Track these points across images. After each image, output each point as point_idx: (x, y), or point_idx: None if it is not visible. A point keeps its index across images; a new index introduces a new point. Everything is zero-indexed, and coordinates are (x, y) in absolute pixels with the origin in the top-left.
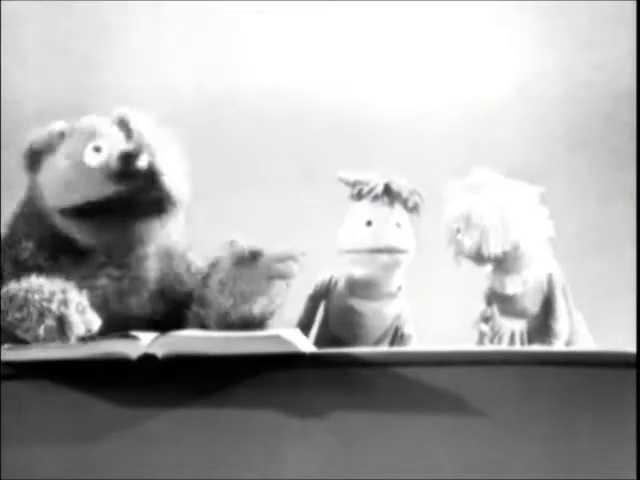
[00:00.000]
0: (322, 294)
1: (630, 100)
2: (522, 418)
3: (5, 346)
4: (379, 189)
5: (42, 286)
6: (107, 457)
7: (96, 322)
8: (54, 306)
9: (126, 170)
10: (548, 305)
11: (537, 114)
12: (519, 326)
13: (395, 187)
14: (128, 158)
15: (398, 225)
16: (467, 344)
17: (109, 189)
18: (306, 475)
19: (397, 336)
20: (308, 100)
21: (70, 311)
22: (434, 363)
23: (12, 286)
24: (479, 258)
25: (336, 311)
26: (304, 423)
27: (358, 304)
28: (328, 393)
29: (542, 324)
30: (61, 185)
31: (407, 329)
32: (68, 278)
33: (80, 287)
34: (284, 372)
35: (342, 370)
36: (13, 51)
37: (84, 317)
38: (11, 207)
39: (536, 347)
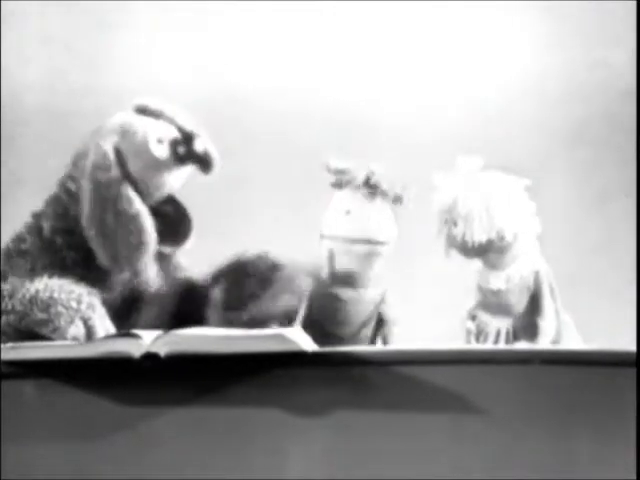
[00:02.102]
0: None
1: (631, 99)
2: (523, 417)
3: (8, 345)
4: (359, 180)
5: (63, 286)
6: (109, 456)
7: (112, 329)
8: (83, 307)
9: (191, 152)
10: (534, 302)
11: (539, 112)
12: (505, 324)
13: (375, 179)
14: (189, 140)
15: (376, 216)
16: (456, 341)
17: (182, 173)
18: (308, 473)
19: (381, 320)
20: (312, 98)
21: (96, 315)
22: (436, 362)
23: (27, 287)
24: (465, 248)
25: (319, 299)
26: (306, 421)
27: (339, 292)
28: (330, 391)
29: (528, 322)
30: (145, 183)
31: (390, 313)
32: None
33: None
34: (286, 370)
35: (344, 368)
36: (14, 49)
37: (104, 325)
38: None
39: (536, 346)
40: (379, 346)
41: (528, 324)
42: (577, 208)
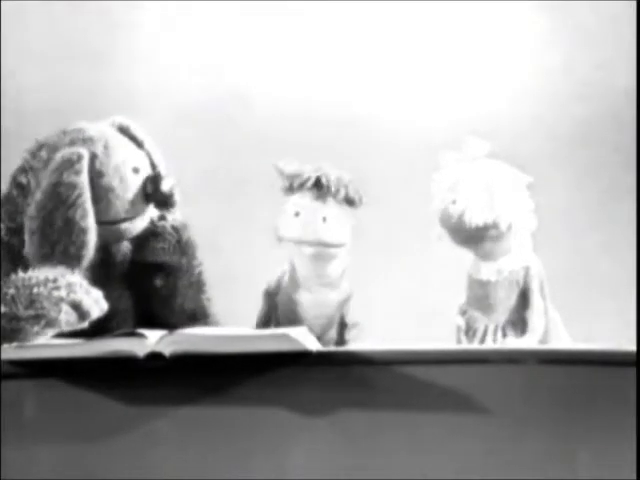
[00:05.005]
0: (275, 289)
1: (633, 99)
2: (523, 416)
3: (13, 344)
4: (309, 183)
5: (39, 276)
6: (113, 456)
7: (102, 299)
8: (63, 293)
9: (156, 192)
10: (524, 298)
11: (539, 113)
12: (493, 320)
13: (325, 181)
14: (159, 181)
15: (324, 219)
16: (446, 340)
17: (144, 208)
18: (311, 472)
19: (342, 324)
20: (315, 99)
21: (79, 294)
22: (438, 361)
23: (8, 285)
24: (458, 229)
25: (281, 304)
26: (310, 420)
27: (297, 295)
28: (334, 391)
29: (517, 318)
30: (109, 201)
31: (350, 317)
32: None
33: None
34: (291, 370)
35: (348, 368)
36: (18, 47)
37: (91, 296)
38: None
39: (536, 346)
40: (381, 346)
41: (517, 320)
42: (578, 208)
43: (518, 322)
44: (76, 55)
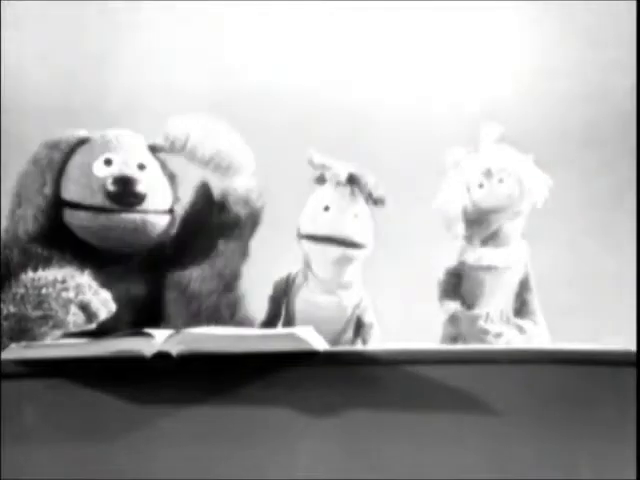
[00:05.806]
0: (282, 292)
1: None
2: (525, 416)
3: (21, 344)
4: (342, 176)
5: (47, 277)
6: (120, 455)
7: (110, 300)
8: (71, 294)
9: (120, 194)
10: (525, 283)
11: (547, 112)
12: (495, 305)
13: (359, 177)
14: (124, 183)
15: (356, 216)
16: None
17: (107, 204)
18: (318, 471)
19: (359, 325)
20: (319, 98)
21: (87, 295)
22: (444, 361)
23: (17, 285)
24: (482, 212)
25: (297, 307)
26: (317, 420)
27: (316, 298)
28: (341, 390)
29: (520, 301)
30: (68, 181)
31: (368, 317)
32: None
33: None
34: (298, 370)
35: (355, 368)
36: (18, 47)
37: (99, 297)
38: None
39: (538, 346)
40: (390, 346)
41: (520, 304)
42: (580, 208)
43: (520, 305)
44: (77, 55)
